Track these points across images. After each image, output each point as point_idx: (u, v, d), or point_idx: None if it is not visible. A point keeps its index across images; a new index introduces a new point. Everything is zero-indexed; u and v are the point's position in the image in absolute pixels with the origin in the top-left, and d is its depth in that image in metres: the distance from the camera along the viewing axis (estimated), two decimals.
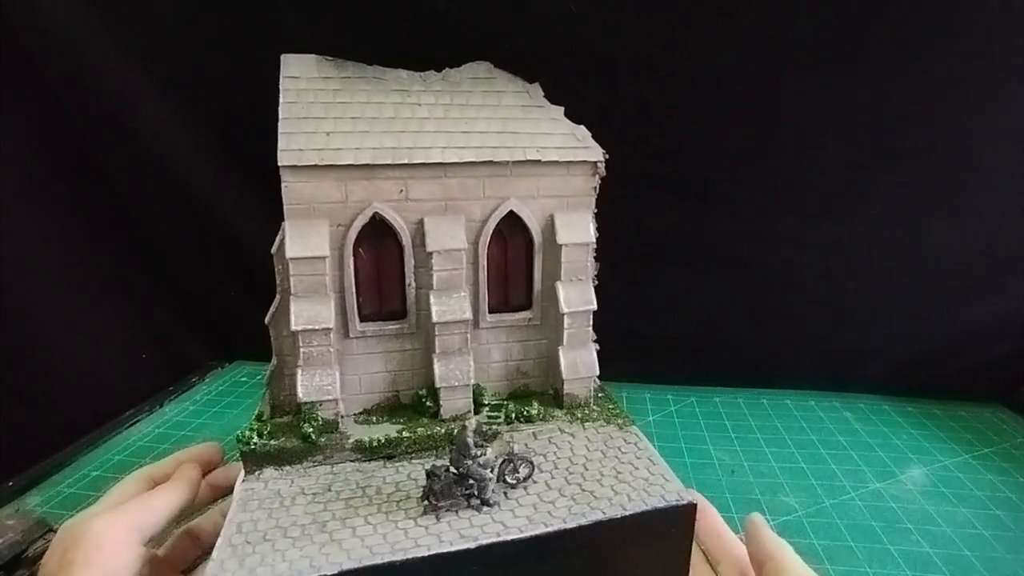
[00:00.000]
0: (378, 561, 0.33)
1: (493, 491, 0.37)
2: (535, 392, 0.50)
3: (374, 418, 0.44)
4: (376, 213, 0.42)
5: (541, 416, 0.46)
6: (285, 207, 0.40)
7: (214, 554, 0.34)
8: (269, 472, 0.40)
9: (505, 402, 0.48)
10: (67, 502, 0.56)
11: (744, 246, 0.71)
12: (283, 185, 0.40)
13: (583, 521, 0.36)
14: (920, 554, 0.50)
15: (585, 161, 0.46)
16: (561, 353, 0.47)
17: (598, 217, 0.49)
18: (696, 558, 0.42)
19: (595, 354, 0.48)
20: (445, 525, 0.36)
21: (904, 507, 0.55)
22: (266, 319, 0.43)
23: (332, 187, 0.41)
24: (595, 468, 0.41)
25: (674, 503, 0.37)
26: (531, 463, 0.39)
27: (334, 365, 0.42)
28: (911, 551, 0.50)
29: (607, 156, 0.46)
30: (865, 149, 0.66)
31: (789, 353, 0.76)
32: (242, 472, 0.41)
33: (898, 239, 0.69)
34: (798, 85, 0.64)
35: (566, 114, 0.63)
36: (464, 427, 0.37)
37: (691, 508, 0.37)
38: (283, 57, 0.43)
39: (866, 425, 0.70)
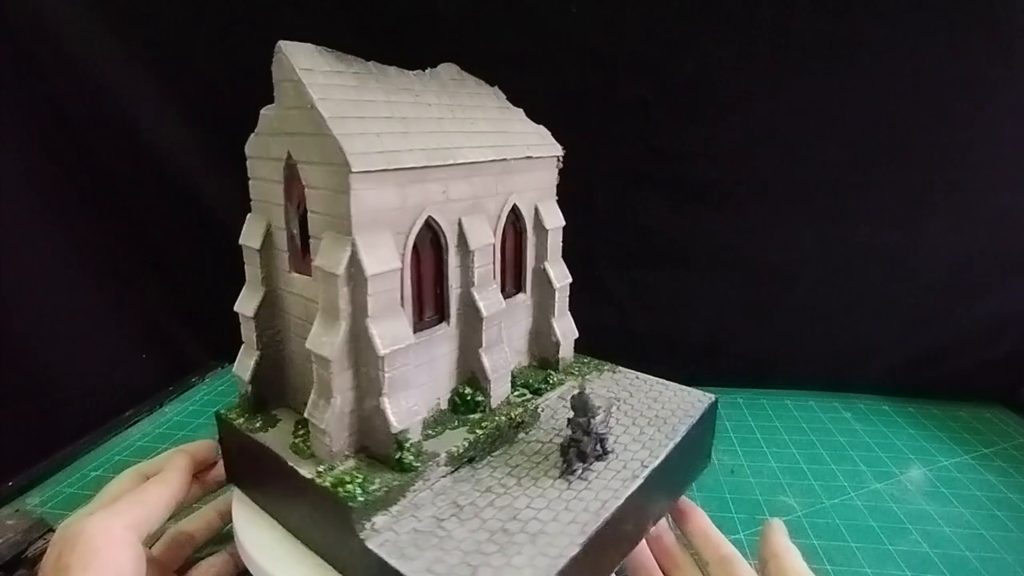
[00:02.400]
0: (598, 524, 0.34)
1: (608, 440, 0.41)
2: (526, 365, 0.52)
3: (430, 431, 0.42)
4: (430, 217, 0.40)
5: (558, 382, 0.50)
6: (353, 219, 0.35)
7: None
8: (382, 520, 0.35)
9: (517, 378, 0.50)
10: (67, 502, 0.56)
11: (744, 246, 0.71)
12: (352, 194, 0.35)
13: (680, 436, 0.43)
14: (920, 554, 0.50)
15: (555, 156, 0.51)
16: (554, 324, 0.51)
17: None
18: (685, 558, 0.42)
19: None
20: (597, 481, 0.38)
21: (904, 507, 0.55)
22: (327, 353, 0.36)
23: (392, 192, 0.37)
24: (637, 403, 0.48)
25: (709, 403, 0.47)
26: (610, 411, 0.43)
27: (412, 384, 0.39)
28: (911, 551, 0.50)
29: (564, 151, 0.51)
30: (865, 149, 0.66)
31: (789, 353, 0.76)
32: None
33: (898, 239, 0.69)
34: (798, 85, 0.64)
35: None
36: (581, 392, 0.39)
37: (715, 401, 0.48)
38: (283, 45, 0.38)
39: (866, 425, 0.70)
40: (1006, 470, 0.62)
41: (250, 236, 0.43)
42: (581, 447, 0.39)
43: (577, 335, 0.53)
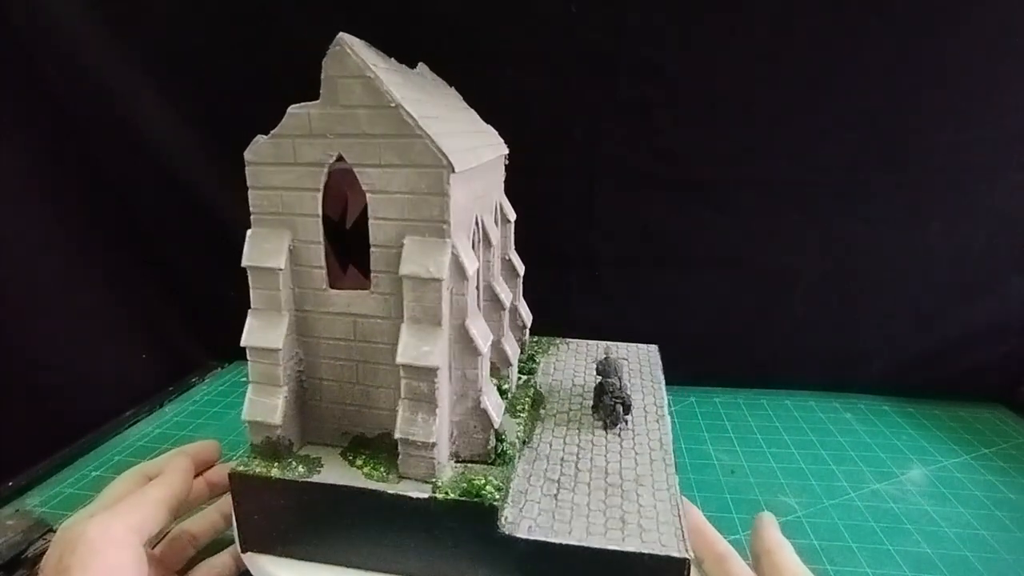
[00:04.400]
0: (672, 455, 0.41)
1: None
2: None
3: None
4: (477, 216, 0.41)
5: (538, 361, 0.55)
6: (452, 221, 0.35)
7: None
8: (510, 512, 0.35)
9: None
10: (67, 502, 0.56)
11: (744, 246, 0.71)
12: (451, 196, 0.34)
13: (663, 380, 0.52)
14: (920, 554, 0.50)
15: (505, 154, 0.52)
16: (520, 308, 0.55)
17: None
18: None
19: None
20: (637, 427, 0.45)
21: (904, 508, 0.55)
22: (435, 362, 0.35)
23: (463, 192, 0.37)
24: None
25: (657, 351, 0.59)
26: (622, 369, 0.48)
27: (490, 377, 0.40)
28: (911, 551, 0.50)
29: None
30: (865, 149, 0.66)
31: (789, 353, 0.76)
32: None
33: (898, 239, 0.69)
34: (798, 85, 0.64)
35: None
36: (607, 356, 0.46)
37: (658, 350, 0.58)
38: (345, 38, 0.35)
39: (866, 426, 0.70)
40: (1006, 470, 0.62)
41: (268, 255, 0.37)
42: (625, 401, 0.45)
43: (532, 317, 0.57)
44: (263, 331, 0.38)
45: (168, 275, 0.79)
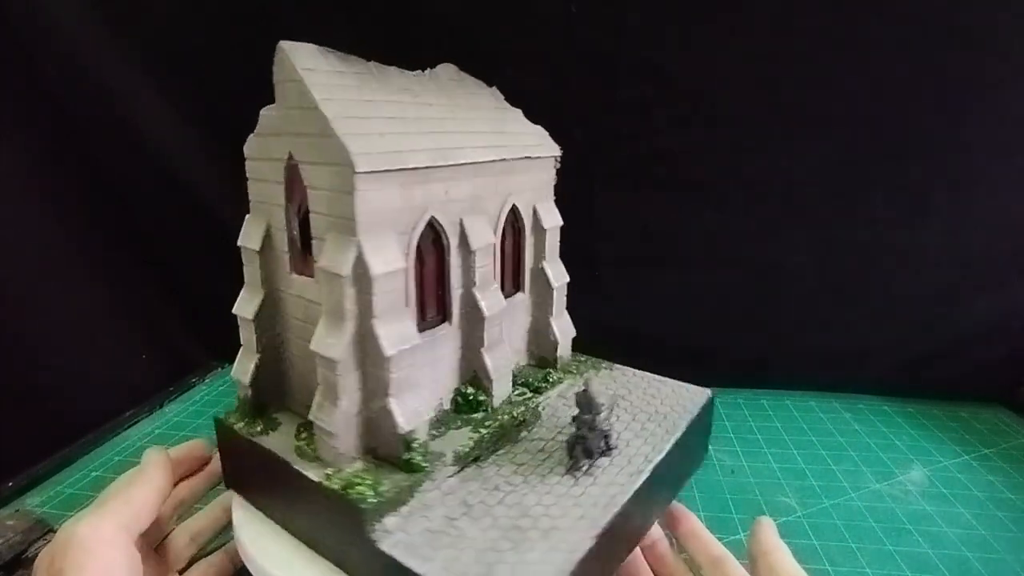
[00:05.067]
0: (608, 518, 0.35)
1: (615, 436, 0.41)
2: (525, 364, 0.53)
3: (435, 431, 0.42)
4: (432, 217, 0.40)
5: (557, 380, 0.50)
6: (358, 220, 0.35)
7: None
8: (392, 521, 0.34)
9: (517, 377, 0.50)
10: (67, 502, 0.56)
11: (744, 246, 0.71)
12: (356, 195, 0.34)
13: (680, 431, 0.43)
14: (920, 555, 0.50)
15: (552, 156, 0.51)
16: (553, 323, 0.51)
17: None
18: (677, 561, 0.42)
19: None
20: (604, 476, 0.39)
21: (904, 508, 0.56)
22: (334, 354, 0.36)
23: (395, 193, 0.37)
24: (636, 399, 0.48)
25: (706, 398, 0.48)
26: (612, 408, 0.43)
27: (418, 384, 0.39)
28: (911, 552, 0.50)
29: (563, 151, 0.51)
30: (866, 149, 0.66)
31: (789, 353, 0.76)
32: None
33: (898, 239, 0.69)
34: (797, 85, 0.64)
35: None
36: (586, 389, 0.40)
37: (712, 397, 0.48)
38: (284, 45, 0.38)
39: (866, 426, 0.70)
40: (1006, 470, 0.62)
41: (249, 237, 0.42)
42: (587, 444, 0.39)
43: (575, 334, 0.53)
44: (245, 304, 0.43)
45: (168, 275, 0.79)
